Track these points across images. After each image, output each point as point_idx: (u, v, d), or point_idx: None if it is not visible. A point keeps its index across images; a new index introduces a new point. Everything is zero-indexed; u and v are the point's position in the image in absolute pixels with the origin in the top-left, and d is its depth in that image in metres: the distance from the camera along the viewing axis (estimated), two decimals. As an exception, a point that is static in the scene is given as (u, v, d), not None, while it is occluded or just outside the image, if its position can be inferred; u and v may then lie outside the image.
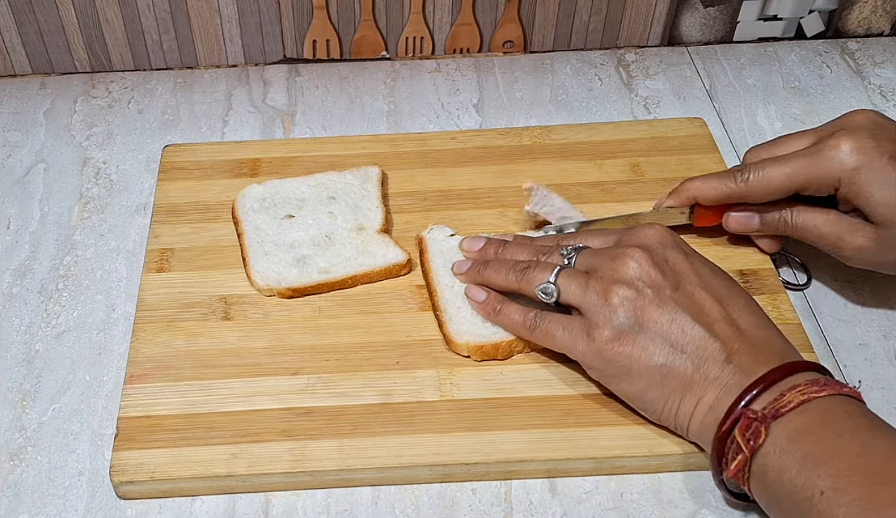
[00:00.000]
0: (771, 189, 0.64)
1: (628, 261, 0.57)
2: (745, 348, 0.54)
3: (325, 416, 0.59)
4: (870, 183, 0.61)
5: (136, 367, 0.61)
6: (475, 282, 0.64)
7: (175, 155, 0.76)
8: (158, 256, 0.68)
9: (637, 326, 0.55)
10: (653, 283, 0.56)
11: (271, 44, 0.86)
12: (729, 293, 0.57)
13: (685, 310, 0.55)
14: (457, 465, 0.57)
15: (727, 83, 0.87)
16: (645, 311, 0.55)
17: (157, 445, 0.57)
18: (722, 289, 0.57)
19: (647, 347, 0.55)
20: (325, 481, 0.57)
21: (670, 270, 0.57)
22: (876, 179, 0.61)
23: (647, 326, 0.55)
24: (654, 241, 0.59)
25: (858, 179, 0.61)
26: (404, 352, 0.62)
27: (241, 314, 0.65)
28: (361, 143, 0.77)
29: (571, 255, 0.60)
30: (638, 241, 0.59)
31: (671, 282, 0.56)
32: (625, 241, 0.60)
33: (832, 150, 0.62)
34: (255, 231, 0.69)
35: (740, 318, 0.55)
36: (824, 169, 0.62)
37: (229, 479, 0.57)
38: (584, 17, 0.87)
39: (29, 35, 0.83)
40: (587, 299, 0.57)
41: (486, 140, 0.77)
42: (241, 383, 0.61)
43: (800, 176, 0.63)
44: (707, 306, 0.55)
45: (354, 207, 0.70)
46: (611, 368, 0.56)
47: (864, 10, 0.89)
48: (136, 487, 0.56)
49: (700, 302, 0.56)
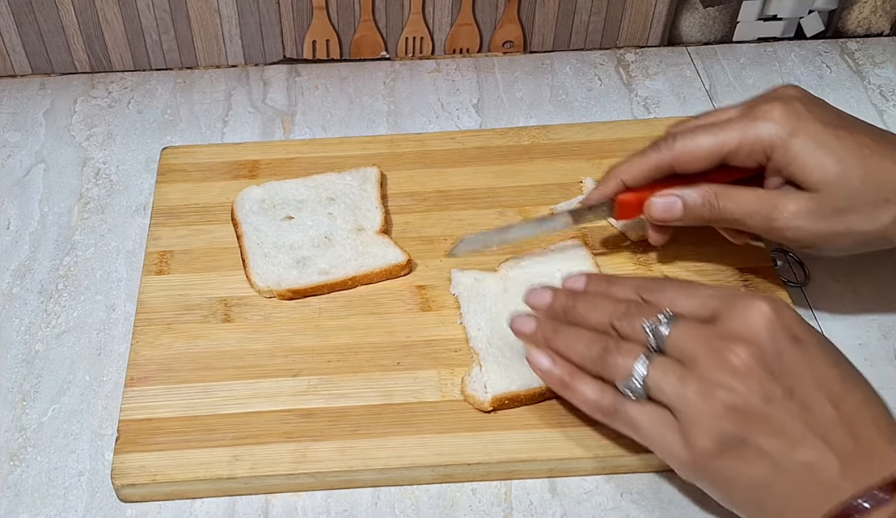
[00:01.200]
0: (699, 155, 0.60)
1: (734, 359, 0.49)
2: (861, 463, 0.47)
3: (327, 417, 0.59)
4: (805, 148, 0.58)
5: (137, 370, 0.61)
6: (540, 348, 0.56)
7: (173, 157, 0.76)
8: (158, 259, 0.68)
9: (741, 442, 0.49)
10: (762, 391, 0.48)
11: (271, 44, 0.86)
12: (844, 387, 0.49)
13: (798, 419, 0.48)
14: (459, 466, 0.57)
15: (727, 83, 0.87)
16: (752, 423, 0.48)
17: (158, 448, 0.57)
18: (838, 383, 0.49)
19: (752, 462, 0.48)
20: (327, 482, 0.57)
21: (782, 371, 0.49)
22: (811, 144, 0.58)
23: (753, 439, 0.48)
24: (763, 329, 0.50)
25: (793, 144, 0.58)
26: (405, 352, 0.62)
27: (242, 316, 0.65)
28: (360, 144, 0.77)
29: (659, 330, 0.51)
30: (744, 329, 0.50)
31: (783, 387, 0.49)
32: (729, 330, 0.50)
33: (765, 116, 0.59)
34: (255, 233, 0.69)
35: (858, 422, 0.48)
36: (756, 134, 0.59)
37: (231, 481, 0.57)
38: (583, 17, 0.87)
39: (29, 35, 0.83)
40: (685, 401, 0.49)
41: (484, 140, 0.77)
42: (241, 385, 0.61)
43: (731, 141, 0.59)
44: (821, 413, 0.48)
45: (354, 208, 0.70)
46: (708, 481, 0.51)
47: (863, 10, 0.89)
48: (138, 490, 0.56)
49: (813, 407, 0.48)
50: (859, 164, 0.58)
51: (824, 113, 0.60)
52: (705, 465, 0.50)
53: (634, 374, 0.51)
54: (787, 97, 0.60)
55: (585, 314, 0.55)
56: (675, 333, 0.51)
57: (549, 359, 0.55)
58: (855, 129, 0.60)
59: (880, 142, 0.60)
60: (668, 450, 0.51)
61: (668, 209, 0.62)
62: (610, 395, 0.53)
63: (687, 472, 0.52)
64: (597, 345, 0.53)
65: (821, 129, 0.59)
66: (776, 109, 0.59)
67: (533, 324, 0.57)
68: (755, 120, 0.60)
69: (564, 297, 0.57)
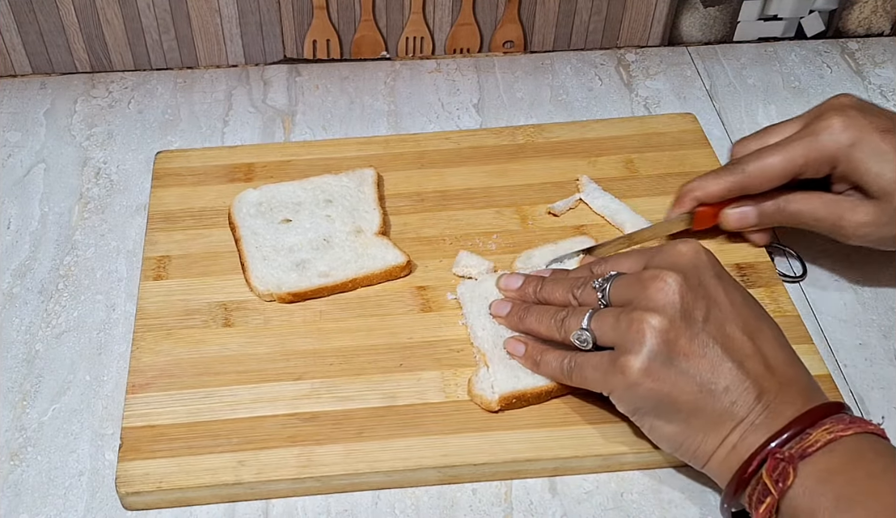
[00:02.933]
0: (770, 176, 0.64)
1: (660, 285, 0.54)
2: (775, 388, 0.52)
3: (331, 420, 0.59)
4: (866, 157, 0.62)
5: (138, 377, 0.61)
6: (517, 330, 0.62)
7: (168, 161, 0.75)
8: (156, 264, 0.68)
9: (668, 359, 0.53)
10: (684, 311, 0.53)
11: (271, 44, 0.86)
12: (759, 324, 0.54)
13: (717, 343, 0.53)
14: (464, 466, 0.57)
15: (727, 83, 0.87)
16: (676, 343, 0.53)
17: (162, 455, 0.57)
18: (752, 320, 0.54)
19: (677, 383, 0.52)
20: (333, 486, 0.57)
21: (703, 296, 0.54)
22: (871, 153, 0.62)
23: (677, 360, 0.53)
24: (687, 261, 0.56)
25: (855, 155, 0.62)
26: (407, 354, 0.62)
27: (242, 320, 0.64)
28: (356, 146, 0.77)
29: (604, 286, 0.57)
30: (670, 261, 0.56)
31: (703, 310, 0.53)
32: (657, 262, 0.57)
33: (825, 130, 0.63)
34: (253, 236, 0.68)
35: (769, 353, 0.53)
36: (820, 149, 0.63)
37: (237, 486, 0.56)
38: (584, 17, 0.87)
39: (29, 35, 0.83)
40: (618, 334, 0.54)
41: (479, 140, 0.77)
42: (244, 390, 0.60)
43: (798, 159, 0.63)
44: (738, 340, 0.53)
45: (351, 210, 0.70)
46: (638, 403, 0.54)
47: (864, 10, 0.89)
48: (143, 498, 0.56)
49: (731, 335, 0.53)
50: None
51: (880, 120, 0.63)
52: (637, 386, 0.53)
53: (582, 324, 0.56)
54: (842, 107, 0.64)
55: (551, 291, 0.61)
56: (615, 284, 0.57)
57: (522, 345, 0.60)
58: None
59: None
60: (606, 382, 0.55)
61: (742, 219, 0.67)
62: (568, 358, 0.57)
63: (623, 397, 0.55)
64: (560, 313, 0.58)
65: (879, 139, 0.62)
66: (836, 122, 0.63)
67: (508, 307, 0.62)
68: (817, 135, 0.63)
69: (533, 280, 0.63)
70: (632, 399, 0.54)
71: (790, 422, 0.51)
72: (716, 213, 0.67)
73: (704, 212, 0.67)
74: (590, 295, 0.58)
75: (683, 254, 0.56)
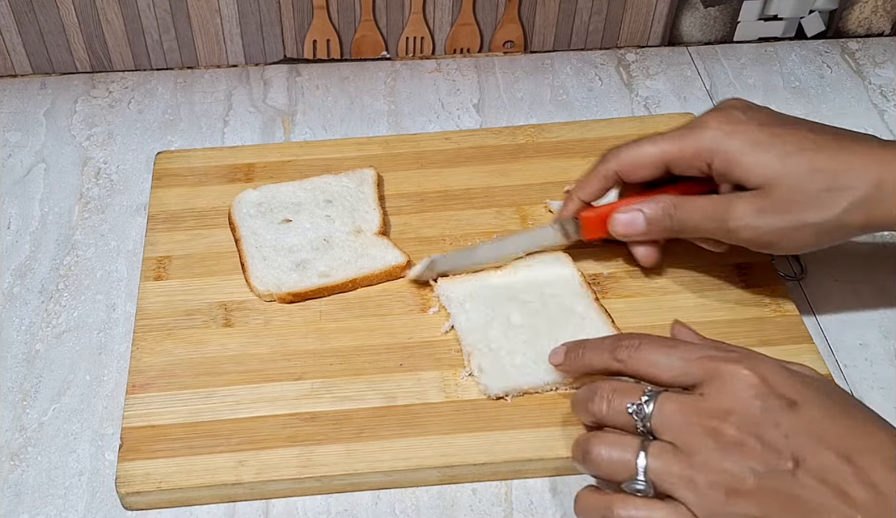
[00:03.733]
0: (643, 161, 0.62)
1: (731, 440, 0.47)
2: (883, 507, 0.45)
3: (331, 420, 0.59)
4: (742, 146, 0.59)
5: (138, 377, 0.61)
6: None
7: (168, 162, 0.75)
8: (156, 264, 0.68)
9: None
10: (768, 467, 0.47)
11: (271, 44, 0.86)
12: (851, 435, 0.47)
13: (813, 486, 0.46)
14: (465, 466, 0.57)
15: (728, 83, 0.87)
16: (767, 504, 0.46)
17: (162, 455, 0.57)
18: (844, 433, 0.47)
19: None
20: (334, 486, 0.57)
21: (783, 440, 0.47)
22: (747, 142, 0.59)
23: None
24: (754, 399, 0.48)
25: (730, 145, 0.60)
26: (407, 354, 0.62)
27: (242, 320, 0.64)
28: (355, 146, 0.77)
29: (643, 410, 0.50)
30: (734, 404, 0.48)
31: (789, 459, 0.47)
32: (717, 406, 0.49)
33: (701, 124, 0.62)
34: (253, 236, 0.68)
35: (875, 473, 0.46)
36: (694, 140, 0.61)
37: (237, 486, 0.56)
38: (584, 17, 0.87)
39: (29, 35, 0.83)
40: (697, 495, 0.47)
41: (479, 140, 0.77)
42: (244, 390, 0.60)
43: (671, 148, 0.61)
44: (833, 471, 0.46)
45: (351, 210, 0.70)
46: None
47: (864, 10, 0.89)
48: (143, 498, 0.56)
49: (824, 467, 0.46)
50: (802, 157, 0.59)
51: (763, 116, 0.61)
52: None
53: (637, 470, 0.49)
54: (725, 107, 0.63)
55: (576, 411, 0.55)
56: (662, 412, 0.49)
57: None
58: (797, 127, 0.61)
59: (823, 135, 0.60)
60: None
61: (630, 223, 0.63)
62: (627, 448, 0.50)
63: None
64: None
65: (756, 129, 0.60)
66: (713, 118, 0.61)
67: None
68: (693, 129, 0.62)
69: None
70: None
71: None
72: (604, 218, 0.64)
73: (590, 218, 0.65)
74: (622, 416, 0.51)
75: (746, 391, 0.48)
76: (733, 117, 0.61)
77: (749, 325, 0.58)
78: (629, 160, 0.63)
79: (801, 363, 0.52)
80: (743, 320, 0.63)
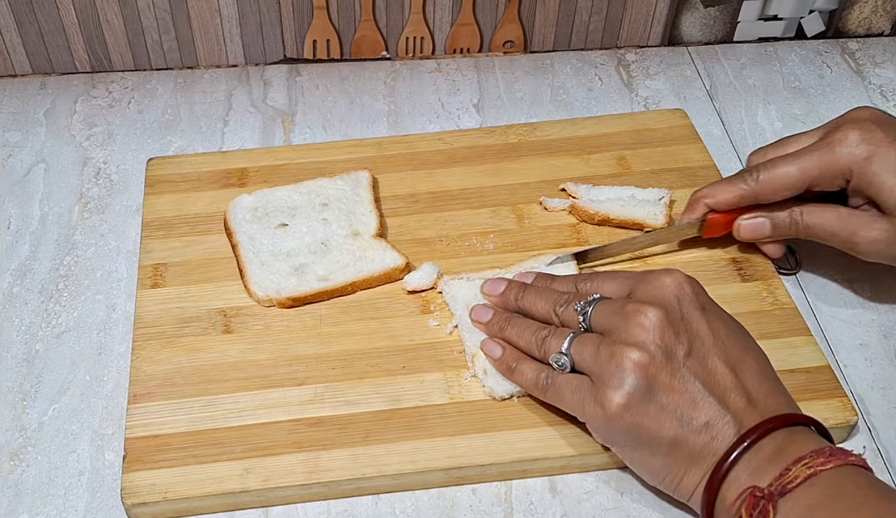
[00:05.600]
0: (783, 185, 0.63)
1: (642, 320, 0.54)
2: (756, 420, 0.51)
3: (336, 425, 0.59)
4: (881, 171, 0.61)
5: (139, 386, 0.61)
6: (495, 337, 0.61)
7: (160, 168, 0.75)
8: (152, 272, 0.67)
9: (648, 394, 0.52)
10: (666, 346, 0.53)
11: (271, 44, 0.86)
12: (742, 356, 0.54)
13: (698, 378, 0.52)
14: (472, 467, 0.57)
15: (727, 83, 0.87)
16: (656, 378, 0.52)
17: (167, 465, 0.57)
18: (736, 351, 0.54)
19: (657, 418, 0.52)
20: (342, 491, 0.57)
21: (685, 330, 0.54)
22: (887, 167, 0.61)
23: (657, 394, 0.52)
24: (670, 294, 0.55)
25: (870, 168, 0.61)
26: (409, 356, 0.62)
27: (242, 326, 0.64)
28: (348, 148, 0.76)
29: (586, 310, 0.57)
30: (653, 295, 0.55)
31: (685, 345, 0.53)
32: (640, 296, 0.56)
33: (841, 143, 0.62)
34: (250, 242, 0.68)
35: (752, 386, 0.53)
36: (835, 161, 0.62)
37: (244, 494, 0.56)
38: (584, 17, 0.87)
39: (29, 35, 0.83)
40: (598, 364, 0.54)
41: (472, 140, 0.77)
42: (247, 397, 0.60)
43: (812, 170, 0.62)
44: (719, 374, 0.53)
45: (348, 213, 0.70)
46: (617, 436, 0.54)
47: (864, 10, 0.89)
48: (150, 508, 0.56)
49: (713, 369, 0.53)
50: None
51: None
52: (616, 420, 0.53)
53: (561, 348, 0.56)
54: (860, 120, 0.63)
55: (533, 302, 0.61)
56: (597, 310, 0.57)
57: (500, 348, 0.60)
58: None
59: None
60: (583, 409, 0.55)
61: (756, 230, 0.66)
62: (545, 373, 0.57)
63: (601, 429, 0.55)
64: (540, 332, 0.58)
65: (894, 153, 0.61)
66: (852, 134, 0.62)
67: (490, 314, 0.62)
68: (833, 146, 0.62)
69: (515, 286, 0.63)
70: (610, 432, 0.54)
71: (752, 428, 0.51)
72: (727, 221, 0.67)
73: (715, 219, 0.67)
74: (571, 315, 0.58)
75: (667, 286, 0.55)
76: (871, 135, 0.61)
77: (747, 319, 0.58)
78: (771, 183, 0.64)
79: None
80: (740, 313, 0.63)
